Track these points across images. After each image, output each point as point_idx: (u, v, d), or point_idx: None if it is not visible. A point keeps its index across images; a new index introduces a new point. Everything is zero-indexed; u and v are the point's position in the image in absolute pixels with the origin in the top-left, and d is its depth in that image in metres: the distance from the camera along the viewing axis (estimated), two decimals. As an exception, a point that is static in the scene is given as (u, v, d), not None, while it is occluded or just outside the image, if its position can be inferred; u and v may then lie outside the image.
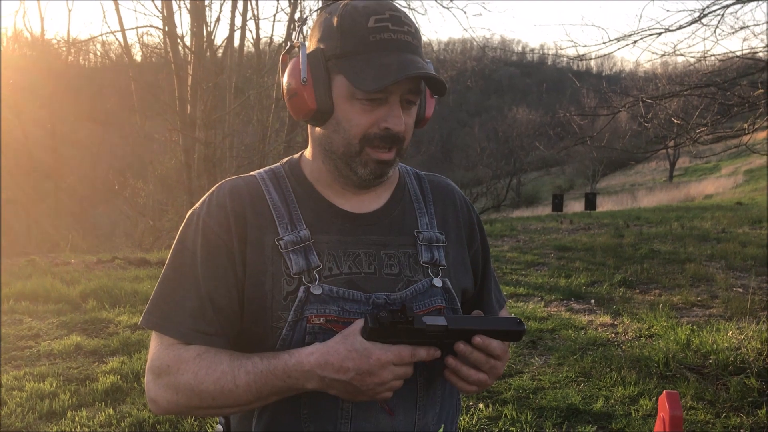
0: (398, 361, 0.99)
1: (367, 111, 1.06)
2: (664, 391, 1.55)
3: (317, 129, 1.13)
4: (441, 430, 1.18)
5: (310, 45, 1.11)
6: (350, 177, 1.12)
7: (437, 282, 1.15)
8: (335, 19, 1.07)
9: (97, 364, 4.61)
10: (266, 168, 1.21)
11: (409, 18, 1.08)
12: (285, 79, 1.12)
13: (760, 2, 6.50)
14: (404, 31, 1.06)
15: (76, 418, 3.62)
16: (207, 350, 1.06)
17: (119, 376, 4.25)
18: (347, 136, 1.08)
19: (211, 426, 3.54)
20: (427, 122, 1.20)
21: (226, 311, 1.09)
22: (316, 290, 1.07)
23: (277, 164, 1.22)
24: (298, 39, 1.14)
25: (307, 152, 1.20)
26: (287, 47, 1.14)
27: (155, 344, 1.09)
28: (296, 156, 1.23)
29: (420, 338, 1.01)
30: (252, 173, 1.19)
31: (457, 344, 1.03)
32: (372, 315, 1.00)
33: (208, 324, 1.08)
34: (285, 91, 1.12)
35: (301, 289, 1.07)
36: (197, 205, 1.15)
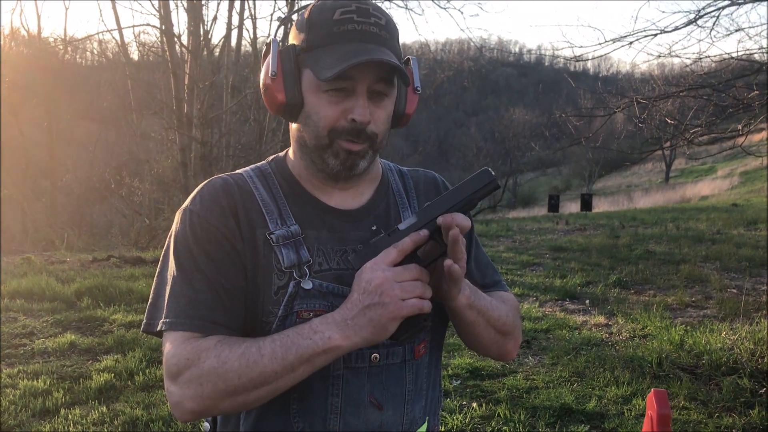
0: (390, 261, 1.00)
1: (333, 102, 1.07)
2: (652, 390, 1.56)
3: (293, 125, 1.15)
4: (425, 425, 1.19)
5: (289, 41, 1.13)
6: (324, 170, 1.12)
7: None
8: (306, 14, 1.09)
9: (91, 362, 4.61)
10: (252, 166, 1.21)
11: (379, 10, 1.09)
12: (261, 74, 1.13)
13: (756, 4, 6.52)
14: (370, 22, 1.06)
15: (70, 416, 3.61)
16: (227, 337, 1.04)
17: (113, 375, 4.25)
18: (316, 129, 1.08)
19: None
20: (409, 119, 1.20)
21: (242, 301, 1.08)
22: (307, 285, 1.07)
23: (263, 162, 1.22)
24: (276, 36, 1.15)
25: (291, 150, 1.21)
26: (265, 47, 1.14)
27: (169, 346, 1.05)
28: (282, 154, 1.23)
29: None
30: (238, 171, 1.19)
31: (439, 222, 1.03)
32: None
33: (224, 314, 1.06)
34: (261, 86, 1.13)
35: (292, 283, 1.07)
36: (187, 202, 1.13)
